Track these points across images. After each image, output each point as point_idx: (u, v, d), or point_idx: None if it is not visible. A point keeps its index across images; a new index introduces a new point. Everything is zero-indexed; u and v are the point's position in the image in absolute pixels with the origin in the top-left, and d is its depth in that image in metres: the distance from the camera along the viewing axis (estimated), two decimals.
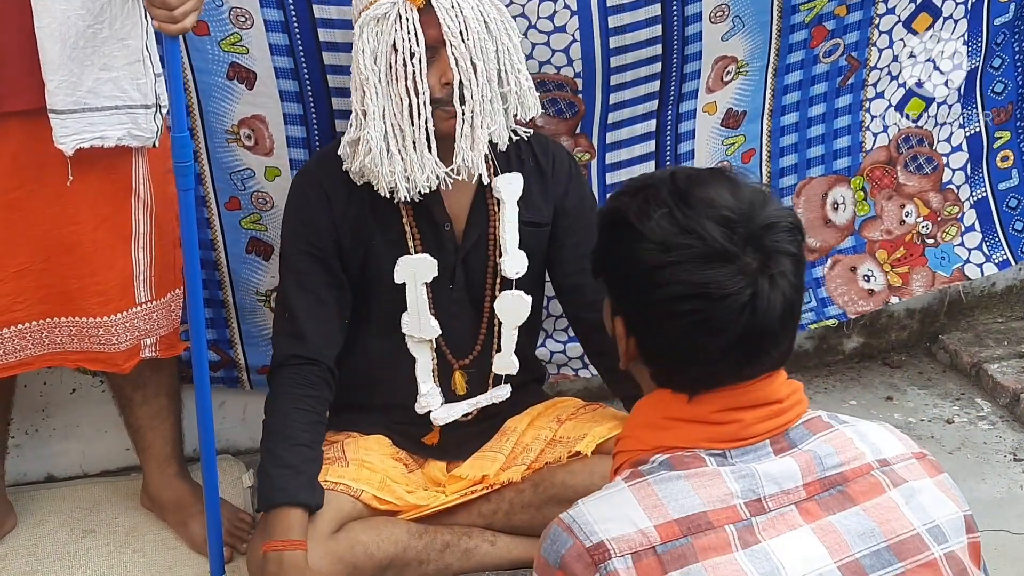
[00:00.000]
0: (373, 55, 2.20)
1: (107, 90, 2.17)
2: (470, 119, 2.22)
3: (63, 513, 2.77)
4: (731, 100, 2.88)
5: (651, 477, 1.41)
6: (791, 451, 1.45)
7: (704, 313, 1.40)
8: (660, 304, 1.42)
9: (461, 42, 2.18)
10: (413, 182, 2.24)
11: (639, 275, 1.44)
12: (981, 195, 3.27)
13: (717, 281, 1.39)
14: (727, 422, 1.45)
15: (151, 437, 2.64)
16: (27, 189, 2.23)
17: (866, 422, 1.54)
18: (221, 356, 2.86)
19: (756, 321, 1.40)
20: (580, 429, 2.50)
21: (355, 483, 2.36)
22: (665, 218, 1.42)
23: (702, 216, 1.41)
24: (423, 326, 2.41)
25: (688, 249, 1.40)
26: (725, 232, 1.40)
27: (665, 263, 1.41)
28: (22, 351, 2.37)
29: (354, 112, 2.25)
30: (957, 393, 3.36)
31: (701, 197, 1.43)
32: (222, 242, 2.72)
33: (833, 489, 1.43)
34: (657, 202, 1.44)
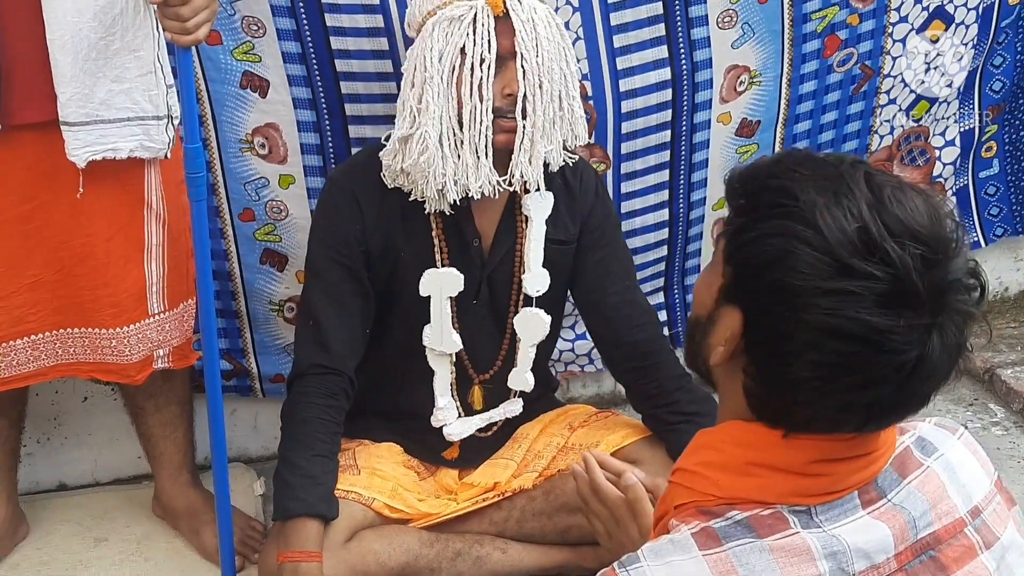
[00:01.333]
0: (440, 54, 2.17)
1: (119, 102, 2.16)
2: (531, 134, 2.21)
3: (75, 522, 2.77)
4: (746, 110, 2.88)
5: (729, 546, 1.21)
6: (881, 505, 1.27)
7: (858, 359, 1.17)
8: (809, 331, 1.17)
9: (533, 56, 2.17)
10: (463, 186, 2.22)
11: (798, 291, 1.17)
12: (963, 183, 3.31)
13: (889, 330, 1.15)
14: (819, 475, 1.24)
15: (163, 446, 2.64)
16: (41, 201, 2.23)
17: (954, 447, 1.36)
18: (234, 365, 2.86)
19: (913, 383, 1.19)
20: (593, 436, 2.50)
21: (367, 491, 2.36)
22: (859, 233, 1.16)
23: (901, 244, 1.16)
24: (445, 340, 2.40)
25: (872, 281, 1.15)
26: (917, 273, 1.15)
27: (839, 289, 1.15)
28: (35, 362, 2.37)
29: (407, 109, 2.22)
30: (970, 399, 3.35)
31: (902, 218, 1.17)
32: (235, 253, 2.72)
33: (925, 555, 1.26)
34: (851, 206, 1.18)
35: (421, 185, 2.24)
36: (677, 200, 2.90)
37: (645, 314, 2.50)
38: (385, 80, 2.55)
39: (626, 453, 2.44)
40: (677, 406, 2.42)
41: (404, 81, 2.24)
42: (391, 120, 2.57)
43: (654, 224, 2.92)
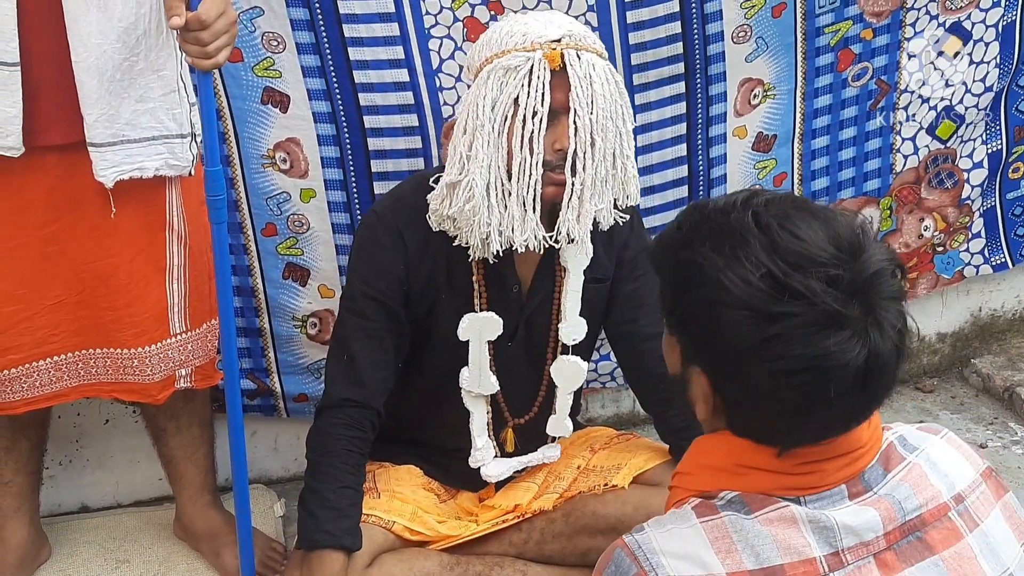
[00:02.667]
0: (493, 103, 2.13)
1: (144, 121, 2.18)
2: (579, 191, 2.16)
3: (97, 543, 2.77)
4: (761, 124, 2.89)
5: (724, 514, 1.32)
6: (868, 496, 1.36)
7: (820, 384, 1.26)
8: (765, 378, 1.27)
9: (587, 113, 2.12)
10: (507, 238, 2.18)
11: (738, 349, 1.28)
12: (990, 204, 3.30)
13: (832, 352, 1.24)
14: (807, 473, 1.34)
15: (184, 467, 2.64)
16: (63, 223, 2.24)
17: (936, 443, 1.45)
18: (258, 385, 2.87)
19: (873, 378, 1.28)
20: (614, 459, 2.49)
21: (386, 514, 2.35)
22: (765, 280, 1.25)
23: (807, 274, 1.25)
24: (483, 382, 2.38)
25: (796, 318, 1.24)
26: (833, 292, 1.25)
27: (770, 336, 1.25)
28: (57, 382, 2.37)
29: (457, 155, 2.18)
30: (990, 418, 3.34)
31: (798, 248, 1.26)
32: (259, 268, 2.74)
33: (912, 536, 1.35)
34: (748, 258, 1.27)
35: (465, 232, 2.21)
36: None
37: None
38: (402, 90, 2.58)
39: (648, 477, 2.43)
40: None
41: (456, 126, 2.21)
42: (408, 132, 2.61)
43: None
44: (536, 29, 2.14)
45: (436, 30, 2.57)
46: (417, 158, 2.65)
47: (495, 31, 2.18)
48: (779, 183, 2.97)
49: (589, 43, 2.16)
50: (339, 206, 2.68)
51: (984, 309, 3.54)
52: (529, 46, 2.12)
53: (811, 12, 2.81)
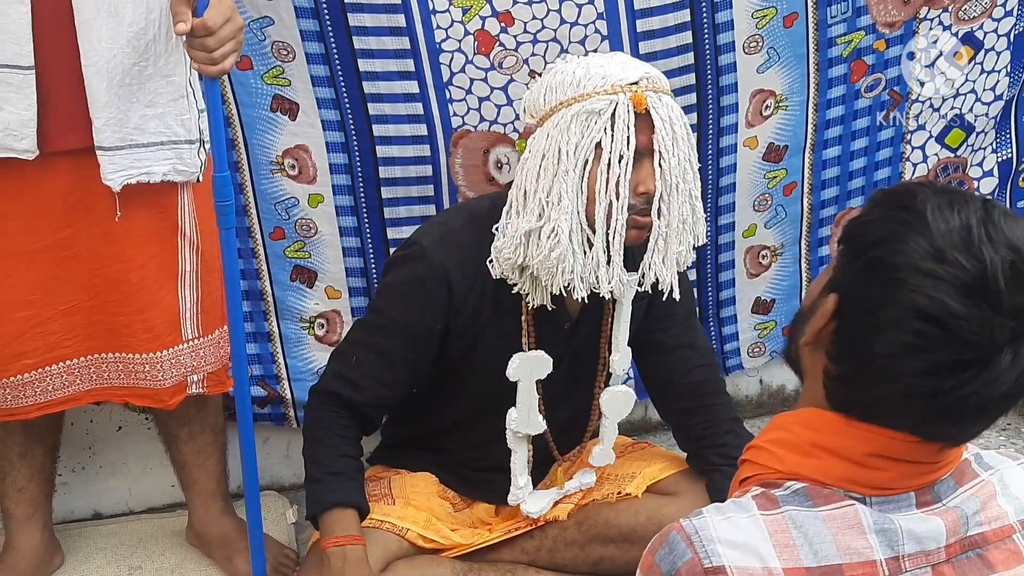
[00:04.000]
0: (576, 147, 2.09)
1: (153, 126, 2.19)
2: (665, 233, 2.13)
3: (110, 550, 2.78)
4: (772, 135, 2.89)
5: (786, 508, 1.29)
6: (936, 507, 1.32)
7: (927, 343, 1.21)
8: (892, 307, 1.23)
9: (671, 155, 2.10)
10: (590, 284, 2.14)
11: (892, 263, 1.24)
12: None
13: (967, 320, 1.20)
14: (875, 468, 1.30)
15: (196, 473, 2.65)
16: (75, 228, 2.25)
17: (1011, 468, 1.39)
18: (268, 392, 2.88)
19: (972, 386, 1.22)
20: (629, 468, 2.49)
21: (400, 521, 2.35)
22: (961, 231, 1.22)
23: (995, 248, 1.21)
24: (531, 423, 2.34)
25: (961, 271, 1.20)
26: (1008, 278, 1.20)
27: (928, 270, 1.21)
28: (70, 387, 2.38)
29: (533, 201, 2.12)
30: (1003, 423, 3.33)
31: (1004, 230, 1.23)
32: (267, 271, 2.76)
33: (972, 551, 1.31)
34: (963, 212, 1.24)
35: (545, 281, 2.16)
36: None
37: (703, 356, 2.48)
38: (412, 101, 2.59)
39: (664, 486, 2.43)
40: (725, 449, 2.38)
41: (526, 170, 2.14)
42: (416, 140, 2.62)
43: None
44: (615, 72, 2.11)
45: (447, 44, 2.58)
46: (425, 165, 2.67)
47: (567, 74, 2.14)
48: (789, 193, 2.97)
49: (664, 85, 2.15)
50: (346, 210, 2.70)
51: None
52: (610, 89, 2.09)
53: (823, 22, 2.81)
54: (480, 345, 2.32)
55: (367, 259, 2.77)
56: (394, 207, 2.71)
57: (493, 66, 2.61)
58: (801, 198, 3.01)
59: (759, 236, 3.02)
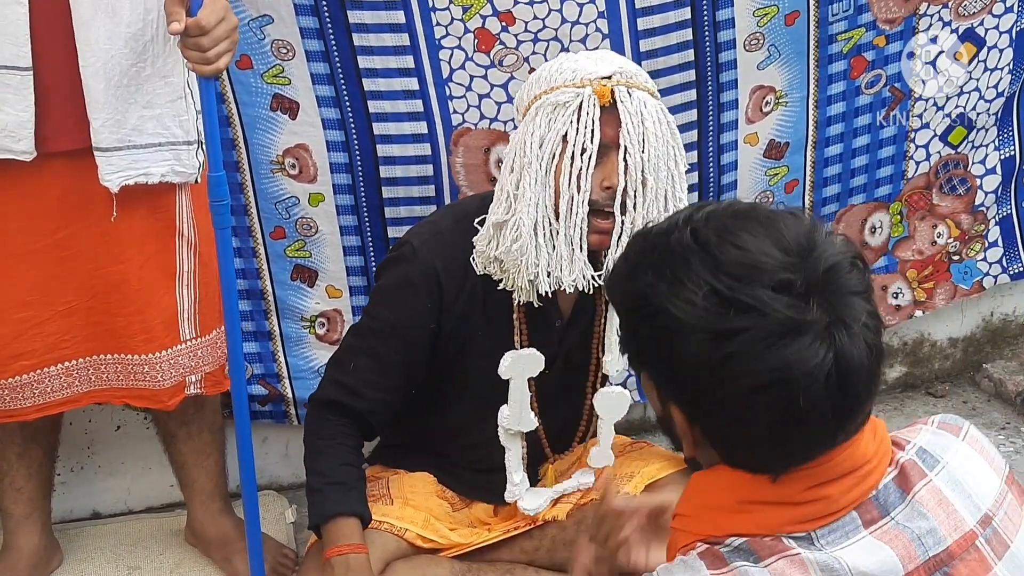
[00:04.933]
0: (540, 140, 2.09)
1: (151, 127, 2.19)
2: (630, 230, 2.10)
3: (108, 550, 2.78)
4: (773, 131, 2.89)
5: (734, 565, 1.24)
6: (884, 524, 1.27)
7: (788, 397, 1.19)
8: (732, 399, 1.21)
9: (638, 151, 2.08)
10: (556, 279, 2.14)
11: (698, 373, 1.22)
12: (1006, 212, 3.28)
13: (794, 361, 1.18)
14: (813, 500, 1.26)
15: (195, 473, 2.65)
16: (73, 230, 2.25)
17: (958, 451, 1.37)
18: (269, 390, 2.88)
19: (847, 383, 1.20)
20: (627, 467, 2.48)
21: (399, 522, 2.35)
22: (710, 298, 1.20)
23: (752, 285, 1.19)
24: (523, 420, 2.33)
25: (749, 332, 1.18)
26: (786, 298, 1.19)
27: (727, 355, 1.19)
28: (69, 388, 2.38)
29: (504, 194, 2.14)
30: (1002, 423, 3.33)
31: (741, 259, 1.21)
32: (267, 270, 2.76)
33: (938, 572, 1.26)
34: (691, 278, 1.21)
35: (513, 274, 2.16)
36: None
37: None
38: (412, 99, 2.59)
39: (661, 486, 2.42)
40: None
41: (504, 165, 2.17)
42: (417, 138, 2.61)
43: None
44: (586, 66, 2.10)
45: (447, 40, 2.58)
46: (426, 164, 2.66)
47: (544, 69, 2.15)
48: (791, 190, 2.97)
49: (641, 81, 2.13)
50: (347, 209, 2.70)
51: (996, 314, 3.53)
52: (579, 82, 2.08)
53: (824, 19, 2.80)
54: (473, 345, 2.31)
55: (368, 258, 2.76)
56: (395, 207, 2.70)
57: (493, 64, 2.60)
58: (803, 196, 3.00)
59: None
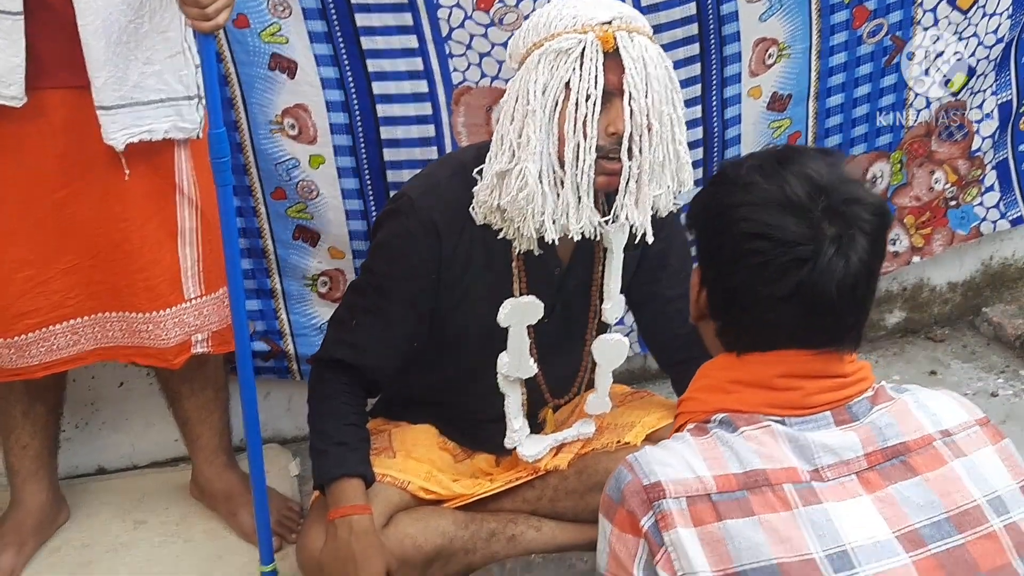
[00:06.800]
0: (544, 87, 2.07)
1: (152, 83, 2.19)
2: (636, 175, 2.10)
3: (114, 505, 2.80)
4: (776, 83, 2.88)
5: (713, 432, 1.48)
6: (852, 424, 1.48)
7: (764, 256, 1.45)
8: (729, 242, 1.48)
9: (642, 96, 2.06)
10: (562, 226, 2.12)
11: (717, 213, 1.52)
12: (1003, 157, 3.29)
13: (783, 226, 1.44)
14: (788, 388, 1.48)
15: (199, 429, 2.67)
16: (74, 188, 2.25)
17: (929, 391, 1.57)
18: (271, 347, 2.88)
19: (814, 280, 1.43)
20: (628, 416, 2.49)
21: (401, 474, 2.36)
22: (755, 169, 1.49)
23: (789, 173, 1.46)
24: (522, 367, 2.34)
25: (766, 193, 1.46)
26: (807, 190, 1.45)
27: (742, 202, 1.47)
28: (75, 346, 2.39)
29: (506, 143, 2.11)
30: (1001, 366, 3.35)
31: (796, 162, 1.49)
32: (268, 229, 2.75)
33: (896, 459, 1.47)
34: (754, 158, 1.53)
35: (518, 223, 2.15)
36: None
37: None
38: (411, 56, 2.56)
39: (661, 435, 2.43)
40: None
41: (503, 114, 2.14)
42: (417, 98, 2.59)
43: (688, 206, 2.89)
44: (586, 12, 2.08)
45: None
46: (427, 124, 2.64)
47: (541, 16, 2.12)
48: (793, 142, 2.96)
49: (640, 25, 2.11)
50: (348, 172, 2.67)
51: (996, 258, 3.53)
52: (580, 28, 2.06)
53: None
54: (472, 295, 2.31)
55: (370, 222, 2.73)
56: (397, 170, 2.68)
57: (493, 22, 2.58)
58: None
59: None
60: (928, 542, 1.40)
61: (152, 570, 2.59)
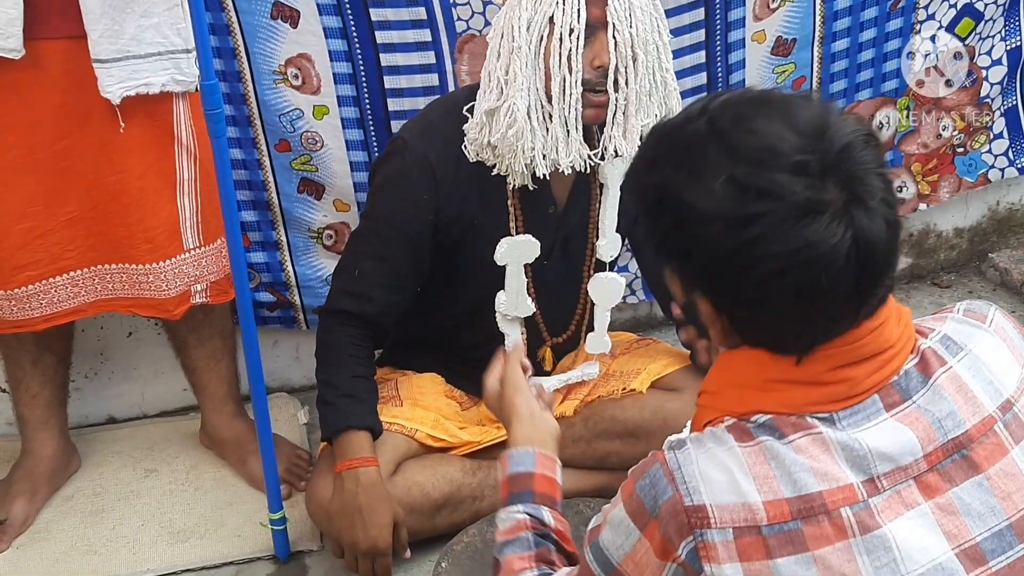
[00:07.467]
0: (528, 23, 2.09)
1: (149, 36, 2.18)
2: (623, 107, 2.13)
3: (125, 453, 2.82)
4: (780, 28, 2.85)
5: (760, 439, 1.29)
6: (905, 407, 1.31)
7: (810, 277, 1.21)
8: (756, 284, 1.24)
9: (626, 27, 2.08)
10: (552, 161, 2.15)
11: (721, 260, 1.24)
12: (1011, 104, 3.25)
13: (814, 241, 1.20)
14: (838, 381, 1.30)
15: (207, 378, 2.68)
16: (72, 139, 2.25)
17: (982, 340, 1.38)
18: (277, 298, 2.89)
19: (867, 260, 1.22)
20: (633, 364, 2.50)
21: (409, 422, 2.38)
22: (728, 186, 1.21)
23: (770, 169, 1.20)
24: (520, 305, 2.35)
25: (769, 216, 1.20)
26: (803, 179, 1.20)
27: (748, 240, 1.21)
28: (75, 298, 2.40)
29: (494, 80, 2.13)
30: (1008, 311, 3.31)
31: (757, 144, 1.22)
32: (273, 182, 2.74)
33: (956, 454, 1.31)
34: (709, 167, 1.23)
35: (508, 159, 2.17)
36: None
37: None
38: (414, 5, 2.55)
39: (668, 382, 2.45)
40: None
41: (489, 51, 2.16)
42: (420, 47, 2.58)
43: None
44: None
45: None
46: (431, 74, 2.63)
47: None
48: (798, 87, 2.94)
49: None
50: (352, 123, 2.66)
51: (1002, 203, 3.52)
52: None
53: None
54: (470, 234, 2.33)
55: None
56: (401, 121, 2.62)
57: None
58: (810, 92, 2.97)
59: None
60: (989, 558, 1.28)
61: (163, 518, 2.61)
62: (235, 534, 2.55)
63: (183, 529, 2.58)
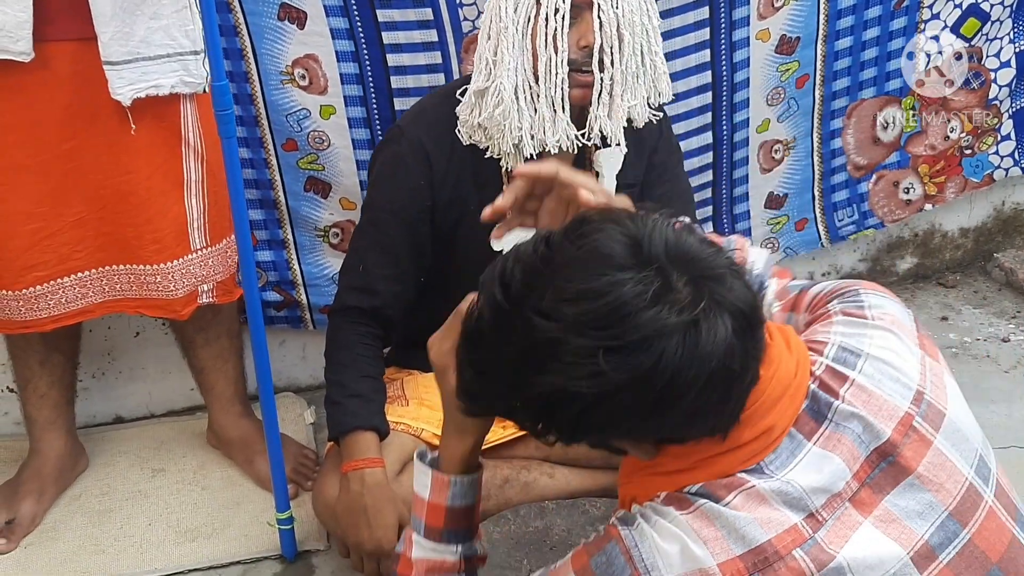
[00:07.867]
0: (515, 4, 2.11)
1: (158, 39, 2.19)
2: (609, 87, 2.14)
3: (132, 453, 2.83)
4: (784, 26, 2.86)
5: (699, 503, 1.30)
6: (823, 430, 1.33)
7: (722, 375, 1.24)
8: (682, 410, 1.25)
9: (611, 8, 2.09)
10: (539, 141, 2.17)
11: (643, 412, 1.25)
12: (1020, 106, 3.25)
13: (705, 354, 1.22)
14: (759, 436, 1.32)
15: (214, 378, 2.69)
16: (80, 140, 2.26)
17: (872, 337, 1.39)
18: (284, 297, 2.90)
19: (749, 329, 1.26)
20: None
21: (415, 422, 2.38)
22: (610, 356, 1.21)
23: (625, 320, 1.21)
24: None
25: (663, 355, 1.21)
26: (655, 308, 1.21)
27: (659, 394, 1.23)
28: (83, 299, 2.41)
29: (483, 61, 2.16)
30: (1013, 311, 3.34)
31: (596, 309, 1.22)
32: (280, 181, 2.75)
33: (884, 463, 1.33)
34: (570, 353, 1.22)
35: (497, 140, 2.19)
36: (720, 122, 2.89)
37: None
38: (421, 7, 2.55)
39: None
40: None
41: (480, 33, 2.18)
42: (427, 47, 2.58)
43: (698, 148, 2.91)
44: None
45: None
46: (437, 73, 2.64)
47: None
48: (801, 85, 2.95)
49: None
50: (359, 122, 2.67)
51: (1007, 203, 3.52)
52: None
53: None
54: (467, 217, 2.33)
55: None
56: None
57: None
58: (813, 90, 2.98)
59: (772, 131, 3.00)
60: (938, 552, 1.31)
61: (170, 517, 2.62)
62: (242, 534, 2.56)
63: (190, 528, 2.58)
